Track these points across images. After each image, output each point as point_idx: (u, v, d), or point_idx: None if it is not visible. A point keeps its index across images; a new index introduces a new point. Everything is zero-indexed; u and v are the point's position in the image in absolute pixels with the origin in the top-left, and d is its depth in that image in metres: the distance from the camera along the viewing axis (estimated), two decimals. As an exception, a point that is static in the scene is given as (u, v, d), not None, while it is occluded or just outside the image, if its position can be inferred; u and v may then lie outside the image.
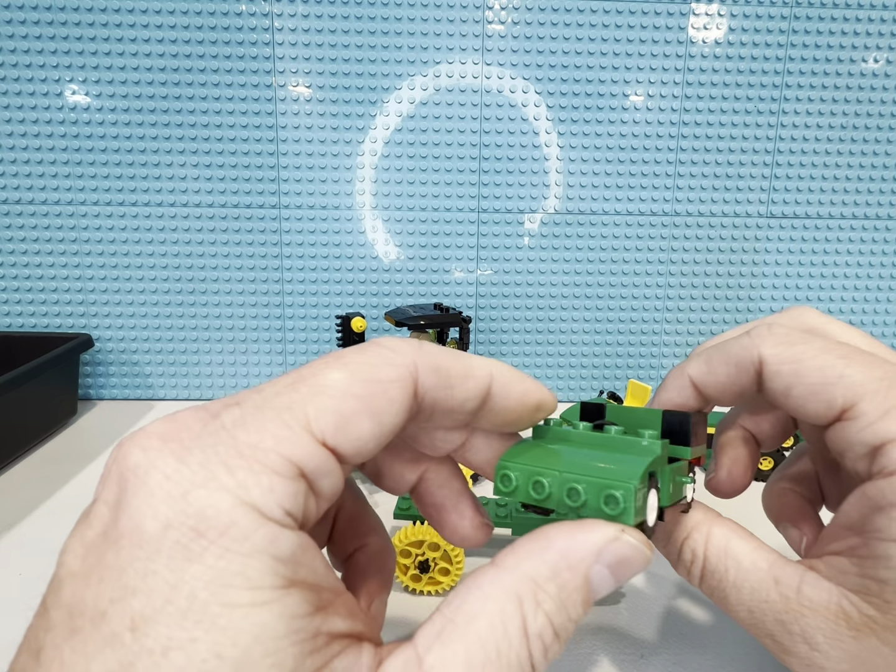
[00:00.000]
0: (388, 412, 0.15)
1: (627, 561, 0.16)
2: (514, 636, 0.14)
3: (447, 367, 0.17)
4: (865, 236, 0.58)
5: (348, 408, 0.15)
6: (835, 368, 0.19)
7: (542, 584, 0.15)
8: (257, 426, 0.14)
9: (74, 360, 0.52)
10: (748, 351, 0.21)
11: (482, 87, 0.53)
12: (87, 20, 0.50)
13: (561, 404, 0.55)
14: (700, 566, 0.20)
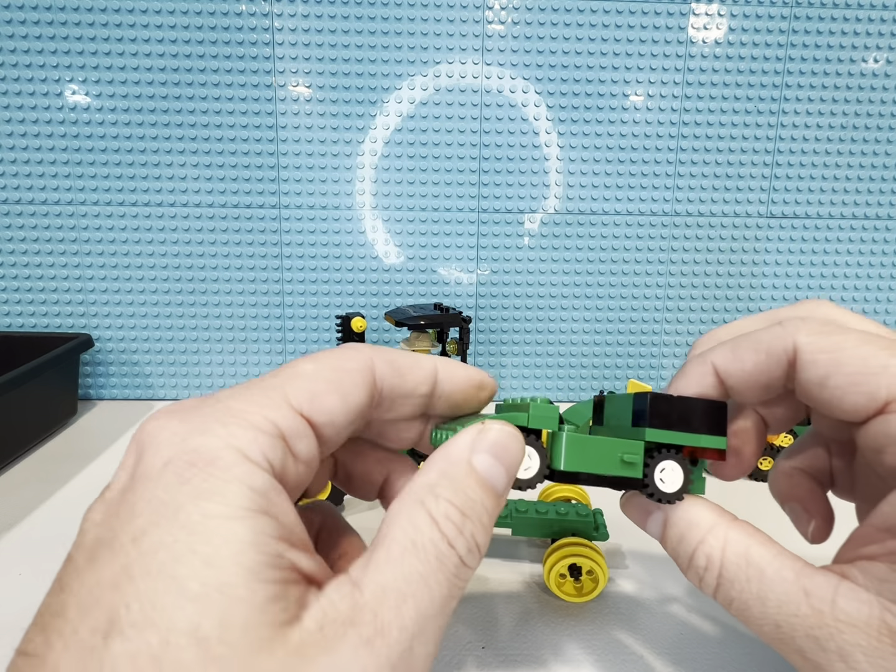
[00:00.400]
0: (352, 392, 0.19)
1: (500, 442, 0.18)
2: (422, 525, 0.16)
3: (399, 360, 0.21)
4: (865, 236, 0.58)
5: (319, 387, 0.18)
6: (878, 358, 0.18)
7: (434, 484, 0.17)
8: (245, 398, 0.17)
9: (74, 360, 0.52)
10: (781, 339, 0.20)
11: (482, 87, 0.53)
12: (87, 20, 0.50)
13: (561, 404, 0.54)
14: (716, 574, 0.19)
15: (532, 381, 0.60)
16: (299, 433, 0.17)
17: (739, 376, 0.21)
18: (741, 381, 0.21)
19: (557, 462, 0.20)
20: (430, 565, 0.16)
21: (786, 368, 0.20)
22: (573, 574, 0.30)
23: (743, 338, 0.21)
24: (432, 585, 0.16)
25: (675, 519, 0.20)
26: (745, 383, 0.21)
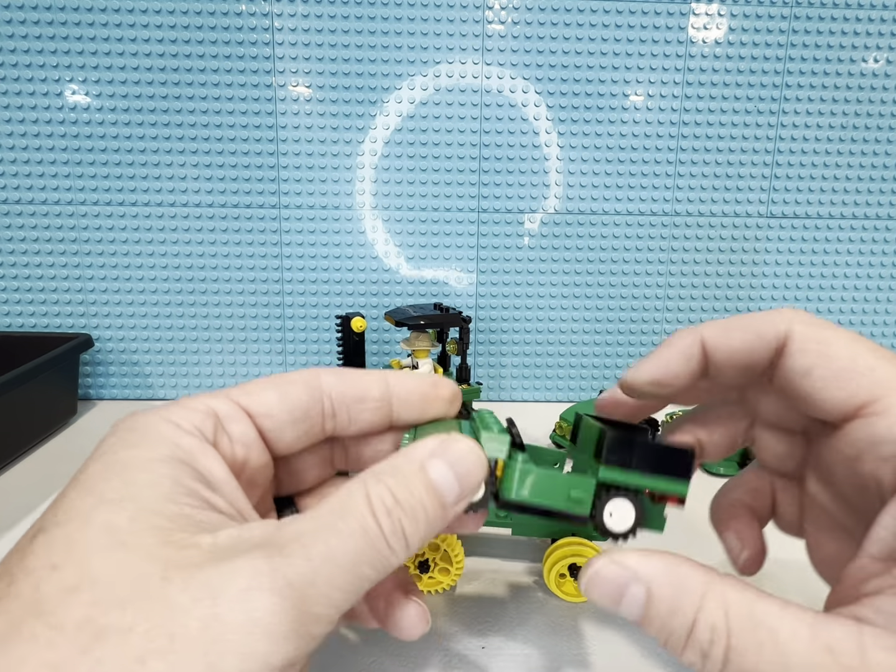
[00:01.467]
0: (289, 389, 0.21)
1: (458, 454, 0.18)
2: (357, 497, 0.17)
3: (346, 370, 0.22)
4: (865, 236, 0.58)
5: (257, 387, 0.21)
6: (866, 359, 0.19)
7: (381, 471, 0.18)
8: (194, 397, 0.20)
9: (74, 360, 0.52)
10: (775, 324, 0.20)
11: (482, 87, 0.53)
12: (87, 20, 0.50)
13: (561, 404, 0.54)
14: (723, 646, 0.15)
15: (532, 381, 0.60)
16: (232, 416, 0.20)
17: (725, 352, 0.21)
18: (725, 358, 0.21)
19: (507, 492, 0.20)
20: (349, 525, 0.16)
21: (772, 353, 0.20)
22: (573, 574, 0.30)
23: (737, 318, 0.21)
24: (347, 540, 0.16)
25: (660, 587, 0.16)
26: (729, 361, 0.21)
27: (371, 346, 0.58)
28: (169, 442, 0.18)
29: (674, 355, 0.22)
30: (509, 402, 0.60)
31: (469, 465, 0.18)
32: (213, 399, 0.20)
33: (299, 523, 0.16)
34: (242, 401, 0.20)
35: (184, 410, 0.19)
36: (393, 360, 0.51)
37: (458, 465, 0.18)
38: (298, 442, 0.22)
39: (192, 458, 0.18)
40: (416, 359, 0.48)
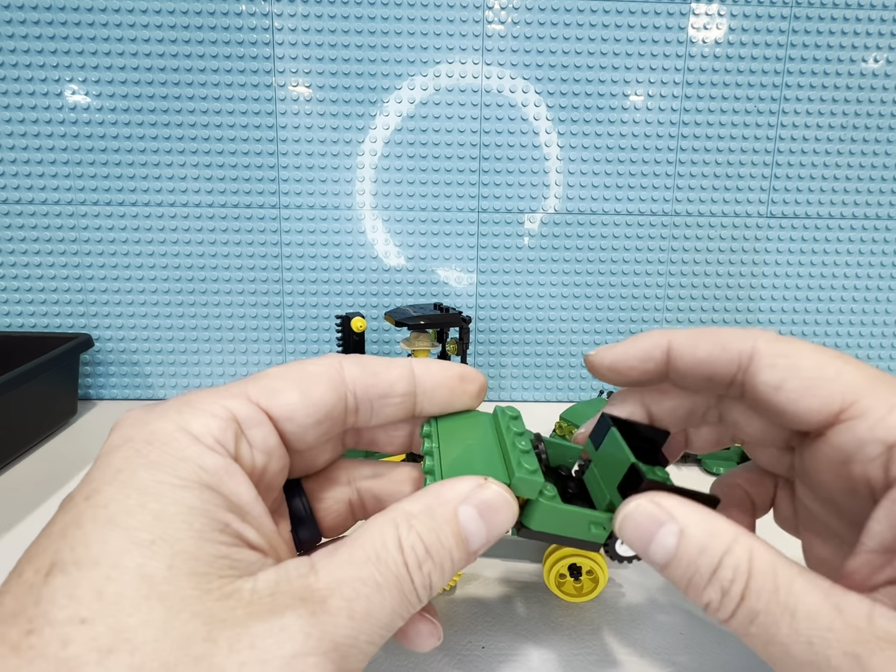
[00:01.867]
0: (314, 389, 0.20)
1: (491, 504, 0.18)
2: (390, 545, 0.17)
3: (371, 361, 0.21)
4: (865, 236, 0.58)
5: (279, 385, 0.19)
6: (832, 365, 0.19)
7: (415, 514, 0.18)
8: (207, 394, 0.18)
9: (74, 360, 0.52)
10: (741, 340, 0.21)
11: (482, 87, 0.53)
12: (87, 20, 0.50)
13: (561, 404, 0.54)
14: (742, 585, 0.17)
15: (532, 381, 0.60)
16: (254, 421, 0.18)
17: (688, 360, 0.22)
18: (688, 366, 0.22)
19: (530, 522, 0.20)
20: (387, 580, 0.16)
21: (735, 368, 0.21)
22: (573, 574, 0.30)
23: (707, 330, 0.22)
24: (385, 595, 0.16)
25: (695, 528, 0.18)
26: (691, 369, 0.22)
27: (371, 346, 0.58)
28: (192, 463, 0.16)
29: (634, 351, 0.23)
30: (509, 402, 0.60)
31: (501, 517, 0.19)
32: (232, 400, 0.18)
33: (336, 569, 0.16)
34: (263, 402, 0.19)
35: (203, 418, 0.17)
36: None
37: (490, 514, 0.18)
38: (318, 441, 0.21)
39: (218, 481, 0.17)
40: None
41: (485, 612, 0.30)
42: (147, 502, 0.15)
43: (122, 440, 0.17)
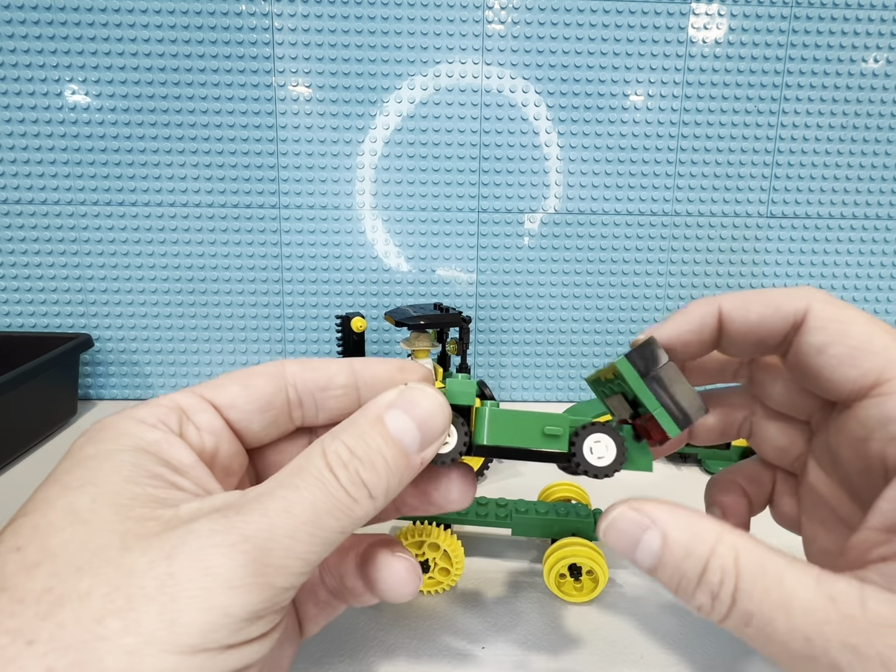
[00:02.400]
0: (253, 382, 0.21)
1: (415, 400, 0.19)
2: (313, 457, 0.17)
3: (312, 360, 0.22)
4: (865, 236, 0.58)
5: (222, 381, 0.21)
6: (882, 338, 0.19)
7: (339, 430, 0.18)
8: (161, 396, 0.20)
9: (74, 360, 0.52)
10: (794, 300, 0.20)
11: (482, 87, 0.53)
12: (87, 20, 0.50)
13: (561, 404, 0.54)
14: (732, 587, 0.16)
15: (532, 380, 0.60)
16: (197, 408, 0.20)
17: (741, 324, 0.21)
18: (740, 330, 0.21)
19: (480, 436, 0.20)
20: (306, 481, 0.17)
21: (788, 328, 0.21)
22: (573, 574, 0.30)
23: (756, 291, 0.22)
24: (304, 494, 0.17)
25: (677, 532, 0.17)
26: (743, 333, 0.21)
27: (371, 346, 0.58)
28: (133, 435, 0.18)
29: (688, 323, 0.22)
30: (509, 402, 0.60)
31: (430, 411, 0.19)
32: (178, 395, 0.20)
33: (259, 487, 0.17)
34: (206, 394, 0.21)
35: (149, 408, 0.19)
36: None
37: (418, 411, 0.18)
38: (268, 431, 0.22)
39: (157, 447, 0.18)
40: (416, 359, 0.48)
41: (485, 612, 0.30)
42: (85, 462, 0.17)
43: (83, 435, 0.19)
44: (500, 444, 0.20)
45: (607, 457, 0.20)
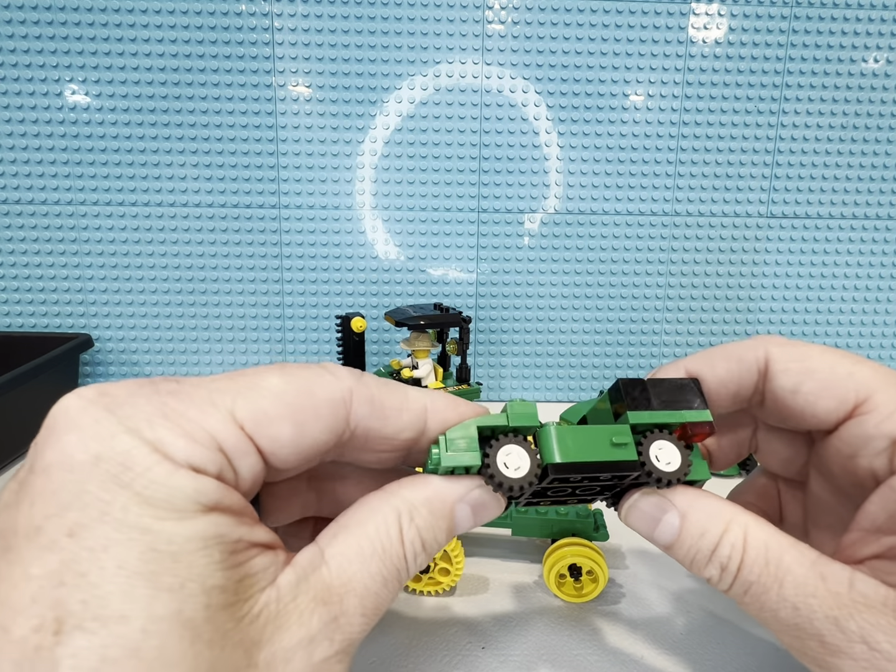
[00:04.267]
0: (311, 426, 0.17)
1: (484, 504, 0.19)
2: (394, 538, 0.18)
3: (381, 400, 0.19)
4: (865, 236, 0.58)
5: (274, 409, 0.16)
6: (843, 365, 0.20)
7: (417, 506, 0.18)
8: (186, 398, 0.16)
9: (74, 360, 0.52)
10: (753, 350, 0.21)
11: (482, 87, 0.53)
12: (87, 20, 0.50)
13: (561, 404, 0.54)
14: (738, 561, 0.19)
15: (532, 381, 0.60)
16: (241, 451, 0.16)
17: (711, 382, 0.22)
18: (712, 388, 0.22)
19: (550, 455, 0.19)
20: (390, 573, 0.18)
21: (756, 377, 0.21)
22: (573, 574, 0.30)
23: (715, 348, 0.22)
24: (389, 589, 0.18)
25: (695, 513, 0.20)
26: (717, 390, 0.22)
27: (371, 346, 0.58)
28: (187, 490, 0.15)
29: None
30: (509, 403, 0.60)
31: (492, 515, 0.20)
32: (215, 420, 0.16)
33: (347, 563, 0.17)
34: (248, 427, 0.16)
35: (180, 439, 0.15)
36: (393, 360, 0.51)
37: (481, 511, 0.20)
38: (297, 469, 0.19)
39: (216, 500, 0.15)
40: (416, 359, 0.48)
41: (485, 612, 0.30)
42: (157, 544, 0.14)
43: (86, 455, 0.14)
44: (573, 460, 0.19)
45: (674, 462, 0.20)
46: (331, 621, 0.16)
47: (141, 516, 0.14)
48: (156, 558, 0.13)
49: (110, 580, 0.13)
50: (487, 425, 0.20)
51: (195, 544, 0.14)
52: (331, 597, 0.16)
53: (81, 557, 0.13)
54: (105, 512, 0.14)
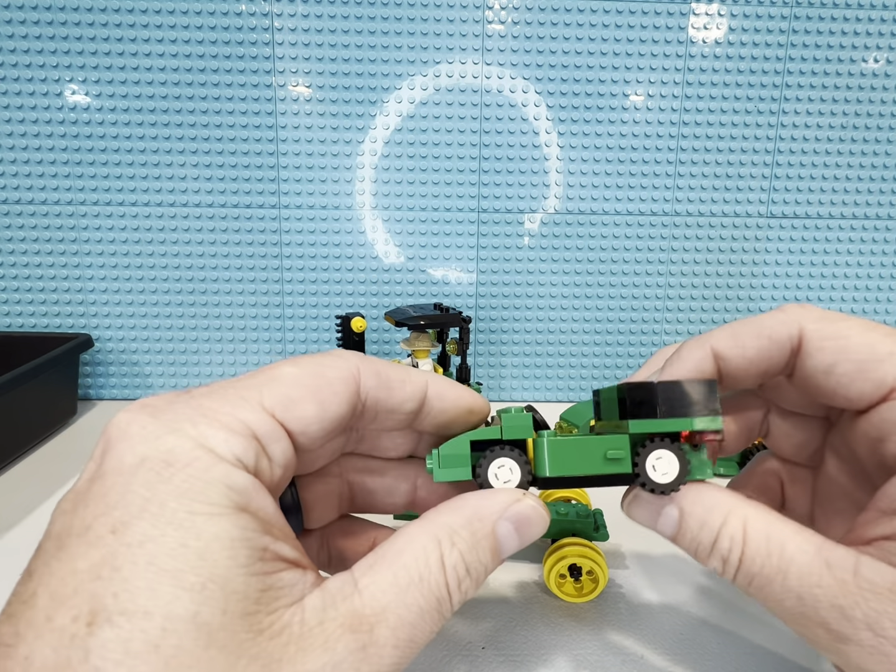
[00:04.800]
0: (331, 401, 0.18)
1: (527, 518, 0.19)
2: (433, 566, 0.17)
3: (387, 373, 0.20)
4: (865, 236, 0.58)
5: (296, 393, 0.18)
6: (884, 345, 0.19)
7: (457, 530, 0.18)
8: (218, 398, 0.17)
9: (74, 360, 0.52)
10: (786, 326, 0.20)
11: (482, 87, 0.53)
12: (87, 20, 0.50)
13: (560, 404, 0.54)
14: (739, 553, 0.18)
15: (532, 381, 0.60)
16: (273, 437, 0.17)
17: (739, 362, 0.21)
18: (741, 367, 0.21)
19: (542, 469, 0.20)
20: (429, 603, 0.17)
21: (787, 355, 0.20)
22: (573, 574, 0.30)
23: (743, 323, 0.21)
24: (426, 620, 0.17)
25: (693, 507, 0.19)
26: (745, 370, 0.21)
27: (371, 346, 0.58)
28: (220, 485, 0.15)
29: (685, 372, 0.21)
30: (509, 403, 0.60)
31: (534, 530, 0.19)
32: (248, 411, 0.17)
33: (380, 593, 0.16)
34: (278, 413, 0.17)
35: (221, 432, 0.16)
36: (393, 360, 0.51)
37: (525, 527, 0.19)
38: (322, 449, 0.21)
39: (247, 500, 0.16)
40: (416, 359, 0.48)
41: (485, 612, 0.30)
42: (187, 539, 0.14)
43: (134, 457, 0.15)
44: (564, 474, 0.20)
45: (671, 472, 0.20)
46: (358, 650, 0.15)
47: (177, 511, 0.15)
48: (183, 555, 0.14)
49: (141, 575, 0.14)
50: (481, 439, 0.20)
51: (222, 543, 0.15)
52: (360, 625, 0.16)
53: (119, 553, 0.14)
54: (144, 508, 0.14)
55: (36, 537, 0.15)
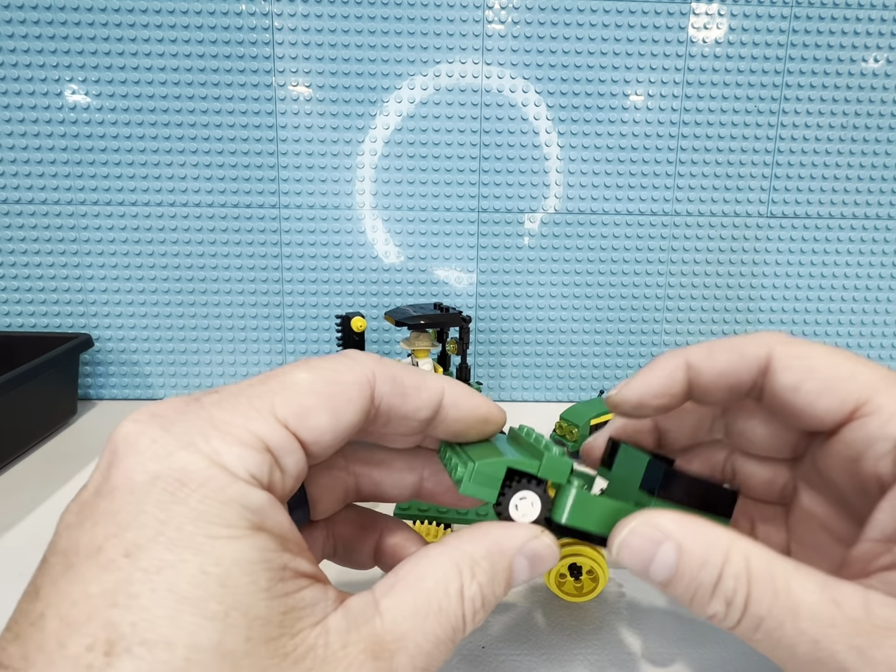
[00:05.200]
0: (345, 409, 0.18)
1: (541, 556, 0.19)
2: (453, 596, 0.17)
3: (403, 378, 0.20)
4: (865, 236, 0.58)
5: (309, 401, 0.17)
6: (846, 365, 0.20)
7: (478, 561, 0.18)
8: (230, 408, 0.16)
9: (74, 360, 0.52)
10: (756, 345, 0.21)
11: (482, 87, 0.53)
12: (87, 20, 0.50)
13: (561, 404, 0.54)
14: (744, 594, 0.17)
15: (532, 380, 0.60)
16: (285, 448, 0.17)
17: (710, 375, 0.22)
18: (710, 380, 0.22)
19: (559, 514, 0.20)
20: (445, 632, 0.17)
21: (755, 373, 0.21)
22: (573, 574, 0.30)
23: (719, 340, 0.22)
24: (442, 649, 0.17)
25: (691, 543, 0.18)
26: (714, 383, 0.22)
27: (371, 346, 0.58)
28: (237, 505, 0.15)
29: (658, 379, 0.22)
30: (509, 402, 0.60)
31: (544, 566, 0.20)
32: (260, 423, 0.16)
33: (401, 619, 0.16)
34: (292, 423, 0.17)
35: (233, 448, 0.16)
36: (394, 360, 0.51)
37: (537, 563, 0.19)
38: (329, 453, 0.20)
39: (263, 519, 0.16)
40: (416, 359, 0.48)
41: (485, 611, 0.30)
42: (207, 566, 0.14)
43: (145, 475, 0.15)
44: (578, 526, 0.20)
45: None
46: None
47: (194, 535, 0.14)
48: (204, 582, 0.14)
49: (160, 604, 0.13)
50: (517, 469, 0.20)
51: (242, 567, 0.14)
52: (382, 652, 0.16)
53: (135, 579, 0.13)
54: (160, 532, 0.14)
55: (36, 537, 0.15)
